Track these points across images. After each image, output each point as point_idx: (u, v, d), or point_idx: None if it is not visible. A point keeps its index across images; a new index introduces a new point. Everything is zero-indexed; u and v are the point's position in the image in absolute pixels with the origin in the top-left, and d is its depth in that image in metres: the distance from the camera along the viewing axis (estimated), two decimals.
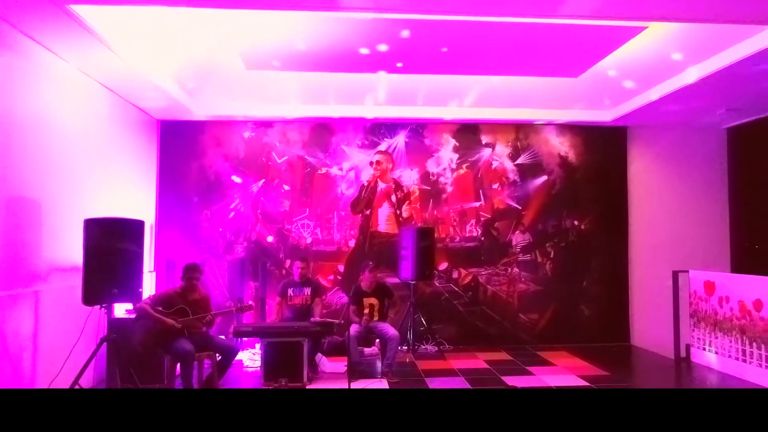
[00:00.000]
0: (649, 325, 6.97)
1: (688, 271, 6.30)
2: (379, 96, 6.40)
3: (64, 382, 4.19)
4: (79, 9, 3.68)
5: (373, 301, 5.74)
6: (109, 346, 4.22)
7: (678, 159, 7.34)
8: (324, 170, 7.03)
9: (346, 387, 4.69)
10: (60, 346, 4.33)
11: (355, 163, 7.05)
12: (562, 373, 5.63)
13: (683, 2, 3.75)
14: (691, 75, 5.37)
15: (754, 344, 5.24)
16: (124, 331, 4.39)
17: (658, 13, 3.92)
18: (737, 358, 5.47)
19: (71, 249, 4.63)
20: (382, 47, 4.88)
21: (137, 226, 4.29)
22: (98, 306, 4.12)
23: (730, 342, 5.57)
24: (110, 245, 4.02)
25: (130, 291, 4.11)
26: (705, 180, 7.33)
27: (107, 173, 5.42)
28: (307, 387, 5.04)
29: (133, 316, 4.55)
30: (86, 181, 5.02)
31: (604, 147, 7.26)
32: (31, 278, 4.18)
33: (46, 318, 4.29)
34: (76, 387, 4.07)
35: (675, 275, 6.37)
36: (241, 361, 5.81)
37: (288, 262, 6.84)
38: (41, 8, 3.56)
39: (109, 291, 3.97)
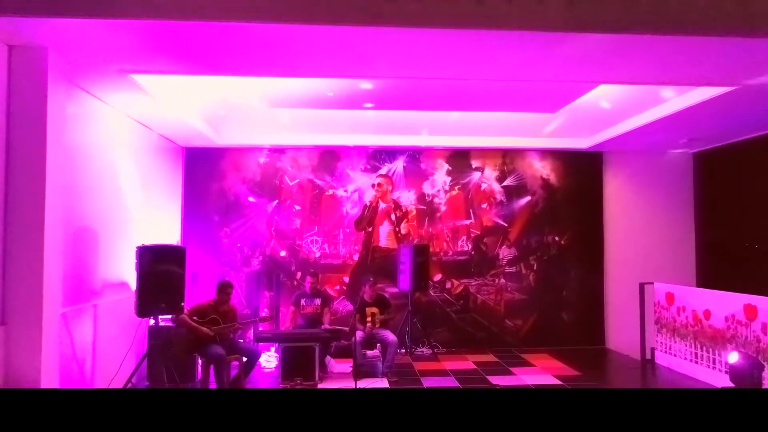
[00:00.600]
0: (621, 331, 7.80)
1: (653, 283, 7.13)
2: (379, 127, 7.23)
3: (118, 382, 5.02)
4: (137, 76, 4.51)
5: (374, 310, 6.57)
6: (152, 351, 5.04)
7: (649, 181, 8.17)
8: (331, 192, 7.86)
9: (353, 386, 5.51)
10: (113, 350, 5.16)
11: (359, 186, 7.89)
12: (539, 373, 6.47)
13: (635, 71, 4.56)
14: (655, 113, 6.20)
15: (704, 348, 6.08)
16: (166, 338, 5.22)
17: (613, 78, 4.76)
18: (691, 360, 6.31)
19: (119, 268, 5.46)
20: (378, 82, 5.64)
21: (180, 251, 5.13)
22: (147, 317, 4.94)
23: (686, 346, 6.41)
24: (158, 268, 4.84)
25: (175, 305, 4.94)
26: (673, 200, 8.16)
27: (144, 197, 6.24)
28: (318, 385, 5.86)
29: (173, 325, 5.38)
30: (128, 205, 5.84)
31: (581, 170, 8.10)
32: (90, 294, 5.00)
33: (102, 327, 5.12)
34: (129, 386, 4.90)
35: (642, 287, 7.20)
36: (258, 362, 6.63)
37: (299, 274, 7.67)
38: (111, 78, 4.39)
39: (158, 305, 4.81)
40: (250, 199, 7.75)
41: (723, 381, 5.36)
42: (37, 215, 3.79)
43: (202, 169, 7.69)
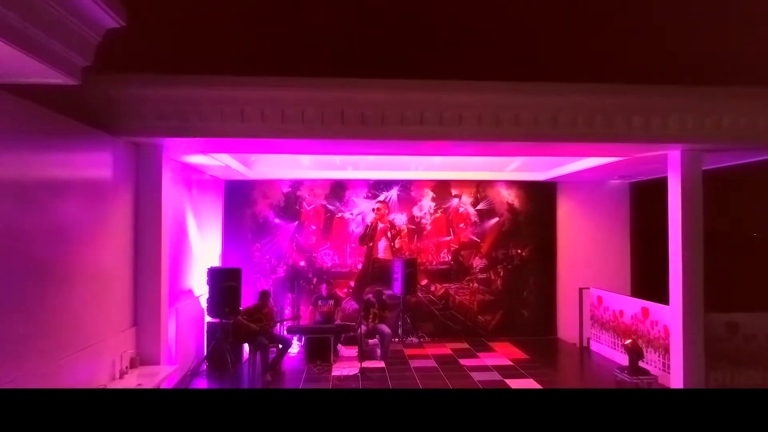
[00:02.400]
0: (568, 324, 9.89)
1: (589, 288, 9.23)
2: (378, 164, 9.25)
3: (191, 362, 7.11)
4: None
5: (375, 309, 8.66)
6: (216, 341, 7.12)
7: (593, 206, 10.22)
8: (340, 215, 9.92)
9: (358, 366, 7.58)
10: (187, 339, 7.25)
11: (362, 210, 9.95)
12: (498, 357, 8.56)
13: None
14: (590, 162, 8.18)
15: (619, 338, 8.17)
16: (224, 331, 7.29)
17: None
18: (611, 347, 8.42)
19: (187, 281, 7.53)
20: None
21: (236, 271, 7.18)
22: (216, 318, 7.03)
23: (608, 336, 8.52)
24: (223, 284, 6.91)
25: (234, 310, 7.02)
26: (612, 221, 10.22)
27: (198, 223, 8.28)
28: (333, 366, 7.93)
29: (227, 322, 7.46)
30: (189, 231, 7.89)
31: (539, 197, 10.16)
32: (173, 301, 7.07)
33: (180, 324, 7.19)
34: (203, 366, 6.99)
35: (580, 291, 9.30)
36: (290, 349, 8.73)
37: (315, 280, 9.75)
38: (195, 154, 6.44)
39: (223, 310, 6.88)
40: (276, 221, 9.81)
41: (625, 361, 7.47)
42: (156, 253, 5.86)
43: (237, 198, 9.73)
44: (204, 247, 8.42)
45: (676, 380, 6.40)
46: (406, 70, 5.38)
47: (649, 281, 9.64)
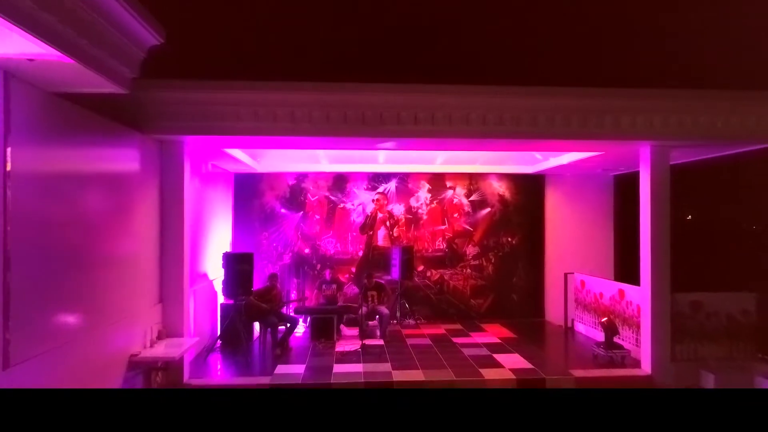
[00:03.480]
0: (554, 307, 10.60)
1: (573, 273, 9.94)
2: (377, 158, 9.92)
3: (206, 338, 7.83)
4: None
5: (374, 293, 9.36)
6: (230, 319, 7.84)
7: (579, 196, 10.90)
8: (342, 205, 10.61)
9: (359, 344, 8.28)
10: (203, 317, 7.97)
11: (362, 201, 10.64)
12: (488, 336, 9.28)
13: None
14: (575, 156, 8.85)
15: (599, 318, 8.89)
16: (238, 311, 8.01)
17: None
18: (593, 327, 9.14)
19: (202, 265, 8.23)
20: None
21: (249, 256, 7.88)
22: (231, 299, 7.75)
23: (590, 317, 9.24)
24: (236, 266, 7.62)
25: (247, 290, 7.73)
26: (597, 211, 10.91)
27: (211, 212, 8.97)
28: (336, 344, 8.63)
29: (240, 303, 8.17)
30: (204, 220, 8.58)
31: (528, 189, 10.85)
32: (192, 282, 7.78)
33: (197, 303, 7.89)
34: (218, 343, 7.71)
35: (566, 276, 10.01)
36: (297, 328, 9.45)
37: (318, 266, 10.45)
38: (214, 150, 7.13)
39: (237, 291, 7.60)
40: (282, 211, 10.50)
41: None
42: (179, 239, 6.56)
43: (246, 190, 10.42)
44: (216, 235, 9.12)
45: (645, 353, 7.12)
46: (402, 75, 6.05)
47: (629, 266, 10.32)
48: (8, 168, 3.53)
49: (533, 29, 5.65)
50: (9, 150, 3.55)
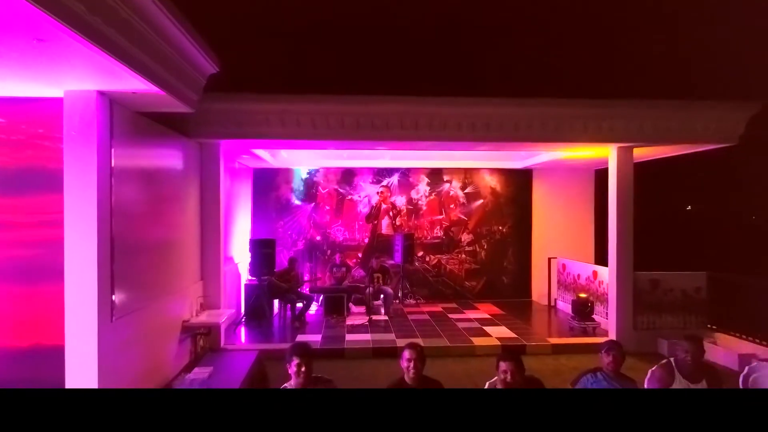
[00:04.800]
0: (540, 288, 11.84)
1: (556, 257, 11.16)
2: (381, 154, 11.09)
3: (237, 311, 9.06)
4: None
5: (379, 275, 10.59)
6: (254, 296, 9.06)
7: (563, 188, 12.09)
8: (350, 197, 11.80)
9: (367, 319, 9.51)
10: (231, 293, 9.20)
11: (368, 193, 11.83)
12: (480, 313, 10.51)
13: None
14: (557, 155, 10.07)
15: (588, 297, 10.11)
16: (261, 289, 9.23)
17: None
18: (570, 304, 10.36)
19: (229, 249, 9.44)
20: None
21: (272, 241, 9.10)
22: (255, 278, 8.97)
23: (570, 296, 10.47)
24: (261, 250, 8.83)
25: (270, 272, 8.95)
26: (579, 202, 12.10)
27: (236, 203, 10.16)
28: (346, 319, 9.85)
29: (263, 282, 9.39)
30: (232, 210, 9.77)
31: (517, 182, 12.04)
32: (224, 264, 8.99)
33: (226, 282, 9.11)
34: (243, 318, 8.94)
35: (549, 260, 11.23)
36: (311, 305, 10.68)
37: (329, 251, 11.67)
38: (245, 151, 8.31)
39: (261, 271, 8.82)
40: (296, 202, 11.70)
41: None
42: (216, 227, 7.76)
43: (264, 183, 11.61)
44: (239, 223, 10.32)
45: (611, 324, 8.35)
46: (405, 89, 7.22)
47: (606, 250, 11.53)
48: (113, 164, 4.73)
49: (520, 51, 6.83)
50: (113, 151, 4.75)
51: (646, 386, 4.24)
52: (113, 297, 4.79)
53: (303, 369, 3.41)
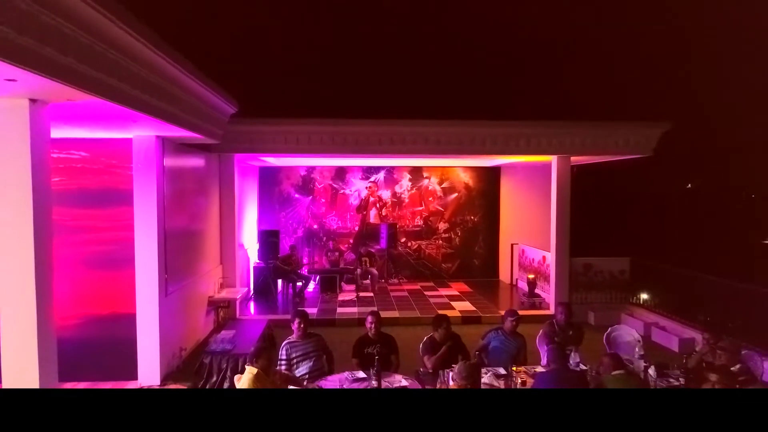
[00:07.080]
0: (506, 269, 13.78)
1: (518, 243, 13.10)
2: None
3: (248, 291, 11.04)
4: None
5: (367, 258, 12.54)
6: (262, 277, 11.01)
7: (527, 183, 13.90)
8: (342, 191, 13.68)
9: (356, 295, 11.46)
10: (243, 274, 11.16)
11: (358, 188, 13.70)
12: (451, 290, 12.46)
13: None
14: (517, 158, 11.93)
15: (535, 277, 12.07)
16: (267, 270, 11.16)
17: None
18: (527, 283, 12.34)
19: (241, 237, 11.37)
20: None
21: (277, 232, 11.01)
22: (263, 262, 10.92)
23: (527, 276, 12.42)
24: (267, 239, 10.76)
25: (275, 256, 10.89)
26: (541, 195, 13.89)
27: (245, 197, 12.03)
28: (338, 296, 11.79)
29: (270, 265, 11.32)
30: (244, 204, 11.65)
31: (487, 178, 13.90)
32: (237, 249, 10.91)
33: (238, 264, 11.04)
34: (251, 295, 10.92)
35: (512, 246, 13.18)
36: (309, 284, 12.65)
37: (324, 238, 13.59)
38: (252, 158, 10.18)
39: (268, 256, 10.76)
40: (296, 195, 13.58)
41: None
42: (231, 219, 9.68)
43: (268, 179, 13.47)
44: (248, 215, 12.22)
45: (551, 299, 10.32)
46: (383, 111, 9.05)
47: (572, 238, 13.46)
48: (165, 188, 6.63)
49: (483, 72, 8.65)
50: (164, 174, 6.65)
51: (537, 340, 6.20)
52: (166, 279, 6.73)
53: (302, 326, 5.34)
